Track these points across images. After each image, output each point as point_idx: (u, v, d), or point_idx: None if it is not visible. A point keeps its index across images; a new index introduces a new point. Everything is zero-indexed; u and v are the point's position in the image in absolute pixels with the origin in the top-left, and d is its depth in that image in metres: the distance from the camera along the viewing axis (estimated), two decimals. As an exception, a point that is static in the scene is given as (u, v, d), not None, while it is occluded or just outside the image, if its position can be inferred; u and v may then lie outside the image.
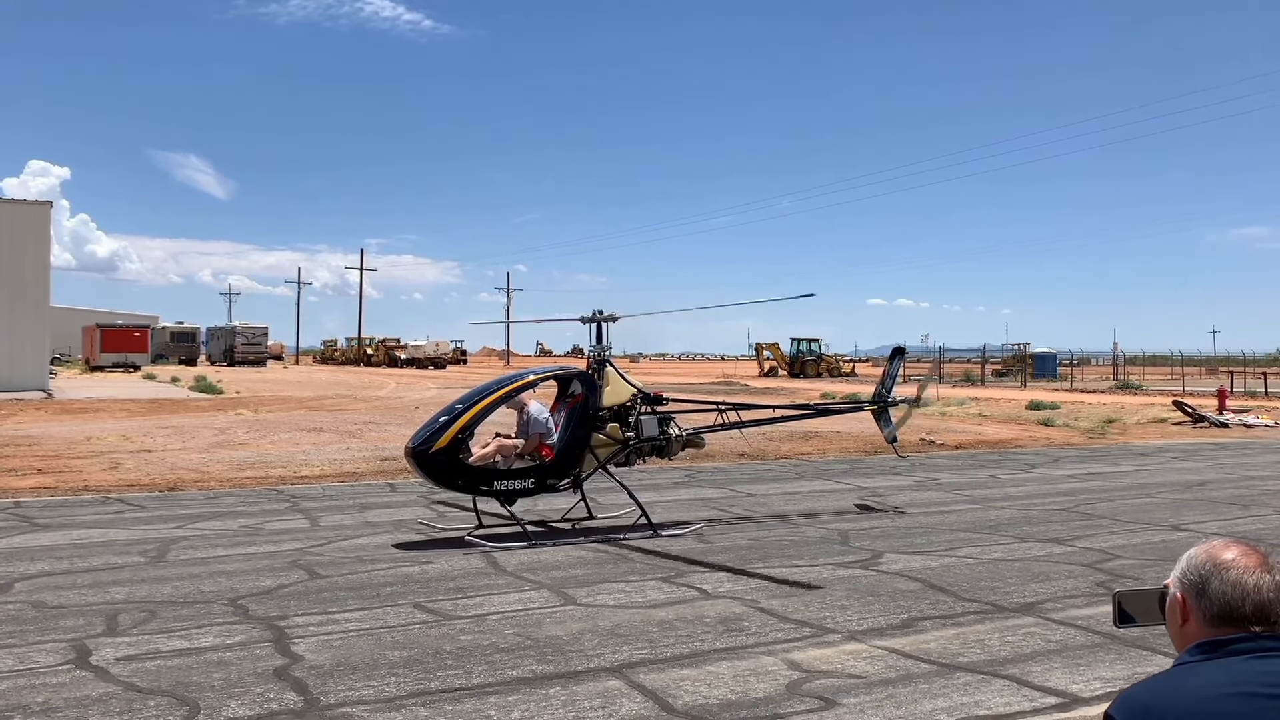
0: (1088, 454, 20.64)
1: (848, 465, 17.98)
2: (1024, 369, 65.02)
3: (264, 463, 16.84)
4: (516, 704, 5.58)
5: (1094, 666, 6.36)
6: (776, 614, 7.57)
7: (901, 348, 14.63)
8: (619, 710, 5.50)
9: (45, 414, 26.56)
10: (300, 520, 11.64)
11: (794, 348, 75.80)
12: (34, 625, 7.07)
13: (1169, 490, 14.90)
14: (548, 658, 6.43)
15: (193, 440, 20.06)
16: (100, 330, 67.59)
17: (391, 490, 14.25)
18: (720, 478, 15.98)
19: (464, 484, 10.43)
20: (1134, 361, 77.41)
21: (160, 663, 6.25)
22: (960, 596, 8.18)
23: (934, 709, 5.56)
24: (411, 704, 5.57)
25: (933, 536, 10.90)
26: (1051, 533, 11.17)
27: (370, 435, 21.67)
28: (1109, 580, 8.78)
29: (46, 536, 10.44)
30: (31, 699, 5.57)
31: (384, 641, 6.76)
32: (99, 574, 8.71)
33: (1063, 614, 7.64)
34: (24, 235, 36.61)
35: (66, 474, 15.16)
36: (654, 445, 11.37)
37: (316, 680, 5.94)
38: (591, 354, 11.46)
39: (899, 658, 6.50)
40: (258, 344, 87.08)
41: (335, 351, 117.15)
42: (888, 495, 14.11)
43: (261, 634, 6.91)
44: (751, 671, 6.19)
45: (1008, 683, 6.03)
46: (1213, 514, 12.70)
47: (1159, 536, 11.07)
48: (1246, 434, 26.21)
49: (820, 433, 22.47)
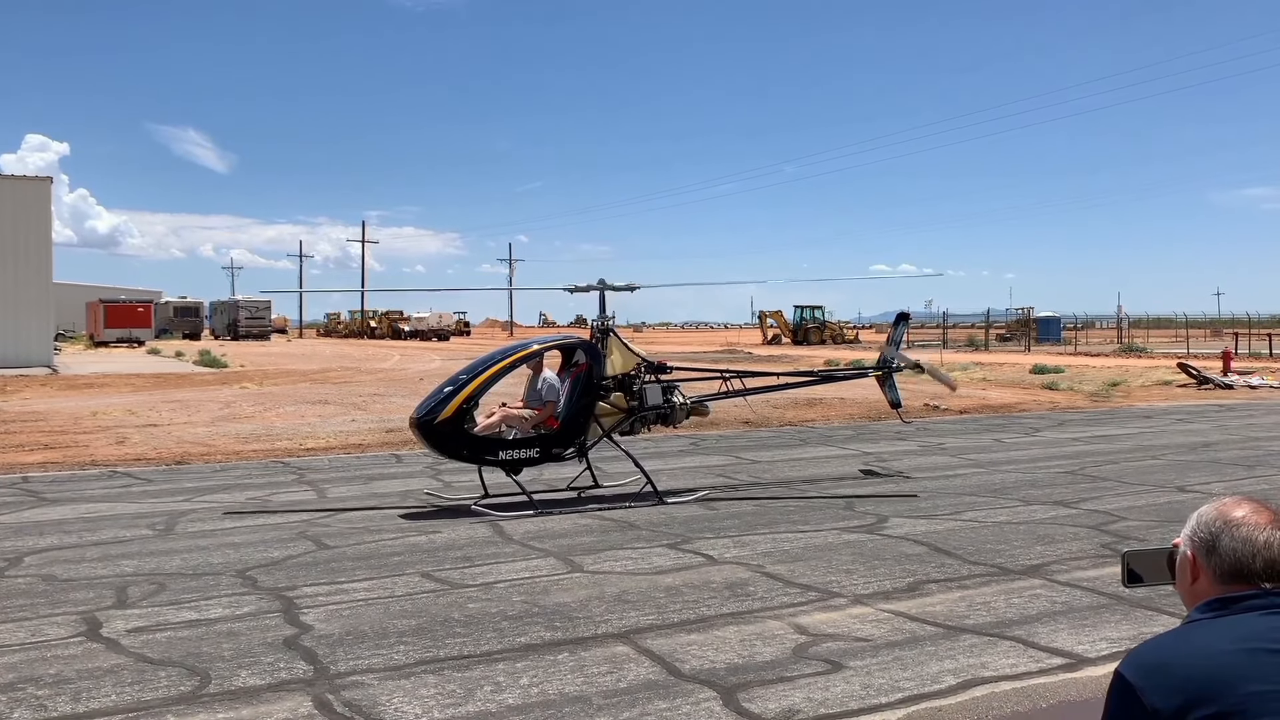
0: (1092, 417, 20.63)
1: (852, 431, 17.99)
2: (1028, 333, 64.83)
3: (270, 435, 16.88)
4: (525, 670, 5.61)
5: (1100, 627, 6.38)
6: (782, 579, 7.59)
7: (905, 313, 14.59)
8: (627, 675, 5.53)
9: (51, 390, 26.61)
10: (307, 492, 11.68)
11: (797, 315, 75.62)
12: (45, 598, 7.12)
13: (1174, 452, 14.90)
14: (555, 624, 6.47)
15: (198, 414, 20.11)
16: (104, 306, 67.56)
17: (397, 461, 14.29)
18: (725, 445, 16.00)
19: (469, 454, 10.46)
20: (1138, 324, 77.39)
21: (170, 634, 6.29)
22: (966, 560, 8.21)
23: (940, 670, 5.59)
24: (421, 672, 5.61)
25: (938, 500, 10.91)
26: (1056, 495, 11.18)
27: (375, 407, 21.71)
28: (1114, 542, 8.80)
29: (55, 511, 10.49)
30: (44, 671, 5.61)
31: (392, 610, 6.80)
32: (108, 547, 8.75)
33: (1068, 575, 7.66)
34: (25, 211, 36.50)
35: (73, 449, 15.21)
36: (659, 413, 11.38)
37: (326, 649, 5.98)
38: (595, 323, 11.46)
39: (905, 620, 6.53)
40: (261, 317, 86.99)
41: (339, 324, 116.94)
42: (892, 460, 14.12)
43: (270, 604, 6.95)
44: (758, 636, 6.22)
45: (1014, 644, 6.06)
46: (1218, 475, 12.70)
47: (1164, 498, 11.08)
48: (1251, 395, 26.17)
49: (824, 399, 22.47)
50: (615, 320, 11.51)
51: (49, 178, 39.37)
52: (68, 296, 65.91)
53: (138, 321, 67.57)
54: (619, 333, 11.41)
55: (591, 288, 11.68)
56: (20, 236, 36.28)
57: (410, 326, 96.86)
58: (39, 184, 38.15)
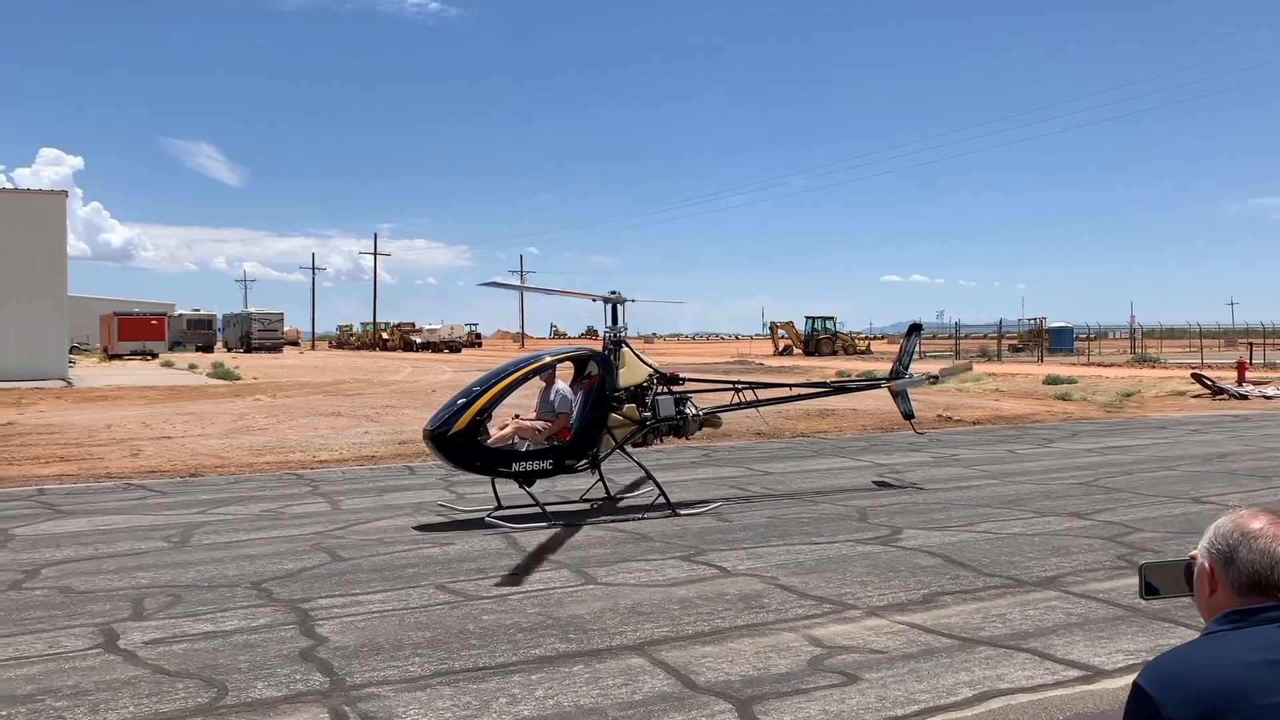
0: (1106, 428, 20.55)
1: (865, 442, 17.96)
2: (1040, 344, 64.68)
3: (283, 447, 16.94)
4: (540, 682, 5.62)
5: (1116, 639, 6.36)
6: (797, 591, 7.59)
7: (918, 324, 14.58)
8: (642, 687, 5.54)
9: (66, 402, 26.77)
10: (321, 504, 11.72)
11: (809, 326, 75.58)
12: (62, 610, 7.16)
13: (1189, 463, 14.83)
14: (570, 636, 6.47)
15: (212, 426, 20.19)
16: (118, 319, 67.94)
17: (410, 473, 14.33)
18: (737, 456, 16.00)
19: (482, 466, 10.48)
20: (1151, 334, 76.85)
21: (187, 645, 6.32)
22: (980, 571, 8.18)
23: (956, 683, 5.58)
24: (436, 683, 5.62)
25: (952, 512, 10.89)
26: (1071, 507, 11.14)
27: (388, 419, 21.77)
28: (1130, 554, 8.77)
29: (71, 523, 10.55)
30: (62, 682, 5.65)
31: (407, 622, 6.82)
32: (124, 559, 8.80)
33: (1084, 587, 7.63)
34: (41, 225, 36.75)
35: (88, 461, 15.29)
36: (671, 425, 11.40)
37: (342, 661, 6.00)
38: (607, 335, 11.48)
39: (920, 632, 6.52)
40: (274, 330, 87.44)
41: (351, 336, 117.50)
42: (906, 472, 14.10)
43: (286, 616, 6.98)
44: (773, 648, 6.21)
45: (1030, 656, 6.04)
46: (1234, 486, 12.64)
47: (1179, 509, 11.03)
48: (1267, 406, 26.04)
49: (837, 410, 22.44)
50: (627, 332, 11.53)
51: (64, 192, 39.63)
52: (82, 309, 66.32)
53: (151, 334, 67.94)
54: (631, 344, 11.43)
55: (605, 299, 11.67)
56: (36, 250, 36.52)
57: (422, 338, 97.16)
58: (55, 198, 38.41)
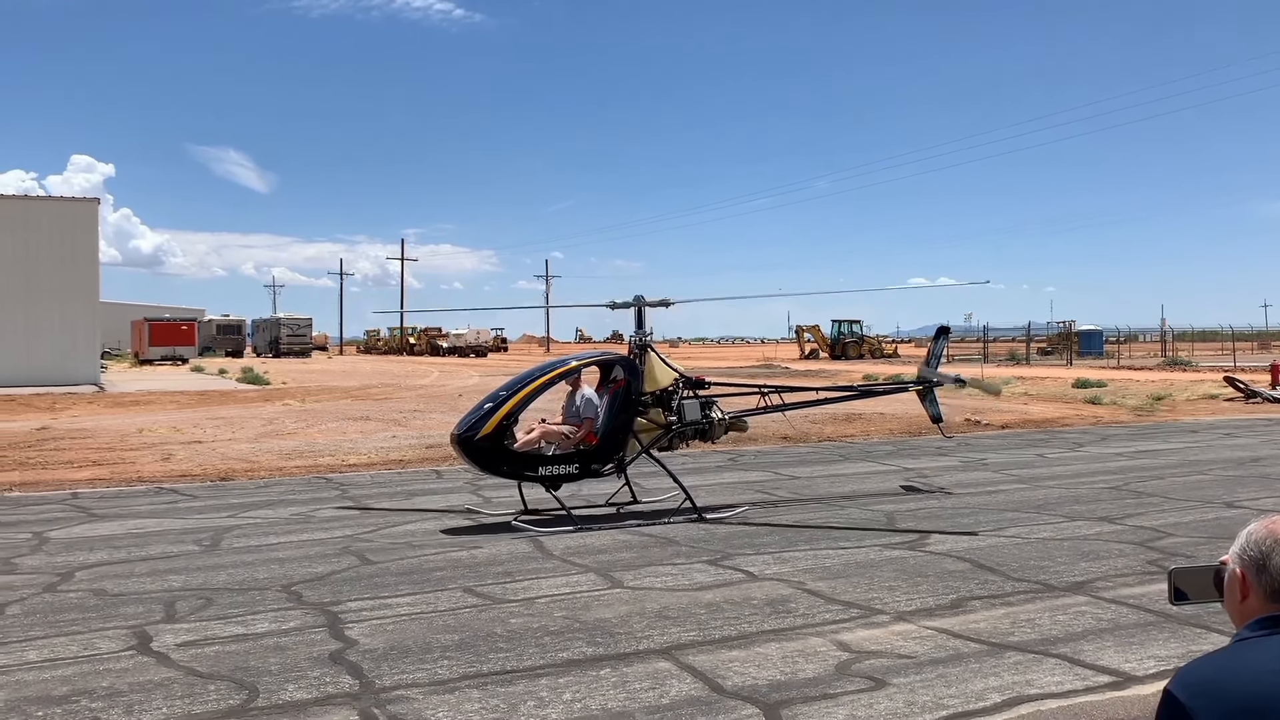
0: (1136, 431, 20.35)
1: (892, 447, 17.88)
2: (1069, 347, 64.04)
3: (312, 451, 17.08)
4: (568, 685, 5.64)
5: (1147, 645, 6.30)
6: (824, 595, 7.57)
7: (946, 327, 14.50)
8: (670, 691, 5.55)
9: (98, 407, 27.10)
10: (350, 508, 11.80)
11: (835, 329, 75.29)
12: (96, 613, 7.26)
13: (1221, 467, 14.66)
14: (597, 640, 6.49)
15: (242, 431, 20.38)
16: (148, 324, 68.65)
17: (438, 477, 14.40)
18: (763, 461, 15.97)
19: (509, 470, 10.52)
20: (1182, 337, 76.02)
21: (219, 648, 6.39)
22: (1009, 576, 8.13)
23: (985, 688, 5.55)
24: (465, 686, 5.66)
25: (980, 516, 10.83)
26: (1101, 511, 11.05)
27: (415, 423, 21.89)
28: (1161, 559, 8.68)
29: (104, 527, 10.69)
30: (97, 684, 5.73)
31: (436, 625, 6.86)
32: (156, 562, 8.90)
33: (1114, 593, 7.57)
34: (74, 232, 37.27)
35: (120, 465, 15.48)
36: (697, 429, 11.40)
37: (371, 664, 6.05)
38: (633, 339, 11.50)
39: (948, 637, 6.49)
40: (302, 335, 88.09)
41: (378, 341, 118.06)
42: (933, 476, 14.02)
43: (316, 619, 7.04)
44: (800, 652, 6.21)
45: (1059, 661, 6.00)
46: (1268, 490, 12.48)
47: (1212, 514, 10.91)
48: (1301, 409, 25.67)
49: (864, 414, 22.35)
50: (652, 336, 11.55)
51: (97, 199, 40.21)
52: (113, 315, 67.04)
53: (182, 339, 68.58)
54: (657, 348, 11.45)
55: (629, 304, 11.71)
56: (69, 257, 37.03)
57: (448, 343, 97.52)
58: (87, 205, 38.94)
